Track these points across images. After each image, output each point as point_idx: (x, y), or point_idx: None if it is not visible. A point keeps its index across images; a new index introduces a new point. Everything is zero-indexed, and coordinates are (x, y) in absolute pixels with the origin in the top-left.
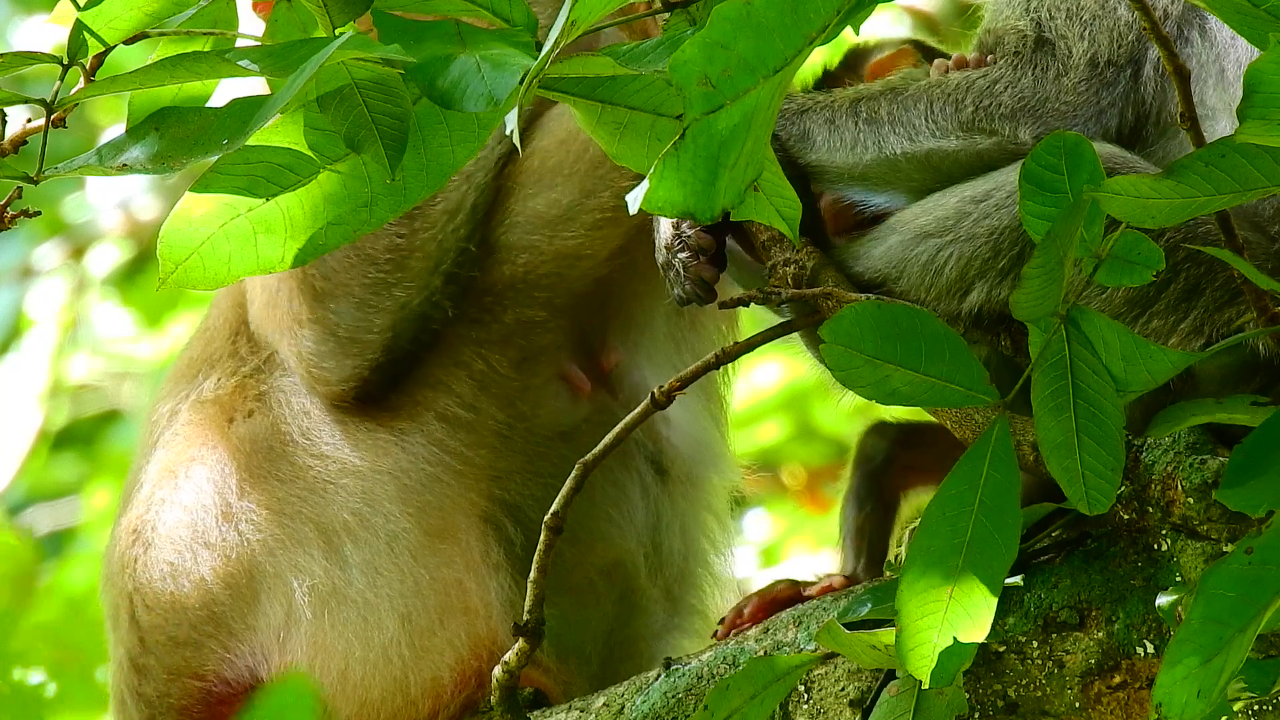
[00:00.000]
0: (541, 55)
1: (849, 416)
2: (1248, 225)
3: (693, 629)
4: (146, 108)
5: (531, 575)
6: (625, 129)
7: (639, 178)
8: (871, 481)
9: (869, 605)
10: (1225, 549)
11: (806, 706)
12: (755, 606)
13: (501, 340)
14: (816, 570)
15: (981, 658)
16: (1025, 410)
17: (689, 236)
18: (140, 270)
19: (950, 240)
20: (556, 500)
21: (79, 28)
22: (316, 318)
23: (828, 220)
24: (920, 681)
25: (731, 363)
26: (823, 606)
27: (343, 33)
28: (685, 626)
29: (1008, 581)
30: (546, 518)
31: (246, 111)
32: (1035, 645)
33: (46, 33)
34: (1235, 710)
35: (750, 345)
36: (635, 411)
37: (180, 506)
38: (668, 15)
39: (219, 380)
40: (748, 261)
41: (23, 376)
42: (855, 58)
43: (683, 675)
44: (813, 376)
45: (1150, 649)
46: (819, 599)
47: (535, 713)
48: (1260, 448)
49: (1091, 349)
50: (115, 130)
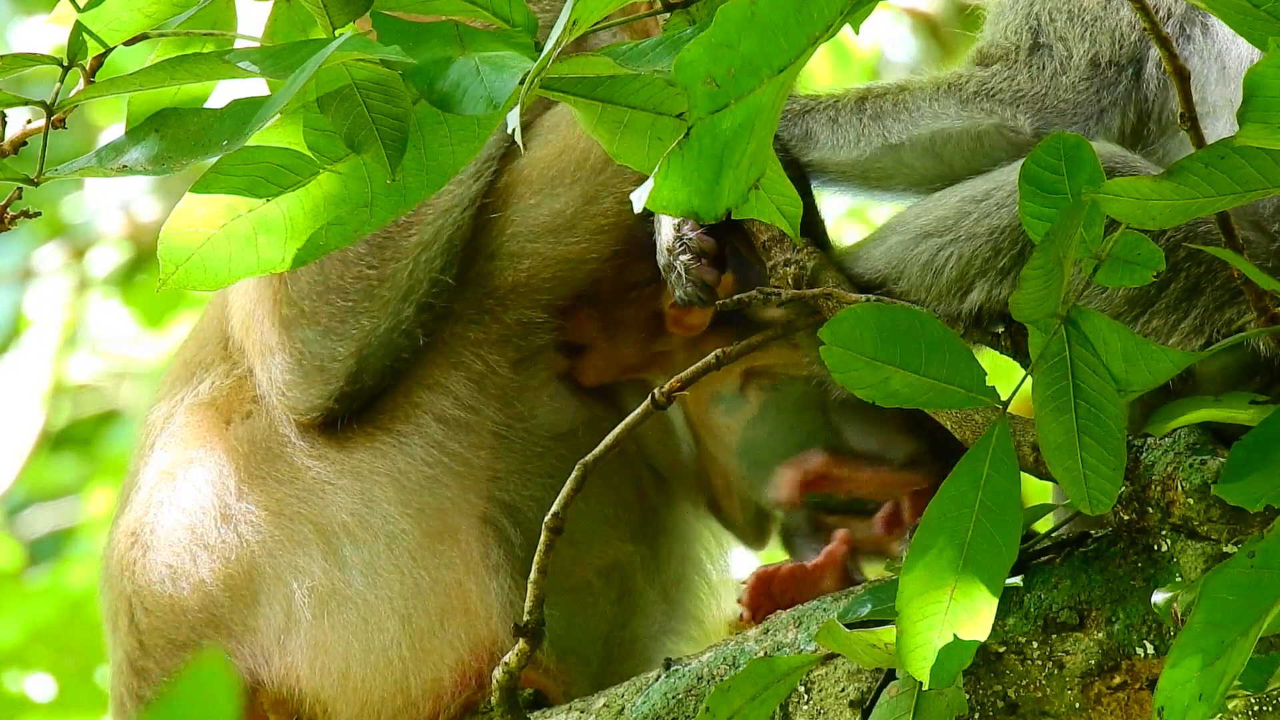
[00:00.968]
0: (542, 55)
1: None
2: (1247, 225)
3: (688, 634)
4: (146, 109)
5: (531, 576)
6: (625, 128)
7: (640, 182)
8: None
9: (869, 605)
10: (1225, 549)
11: (806, 707)
12: (752, 591)
13: (501, 341)
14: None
15: (981, 658)
16: None
17: (690, 239)
18: (140, 270)
19: (950, 240)
20: (557, 501)
21: (79, 29)
22: (284, 345)
23: None
24: (920, 682)
25: (732, 363)
26: (822, 607)
27: (342, 33)
28: (681, 631)
29: (1007, 582)
30: (546, 518)
31: (246, 112)
32: (1035, 646)
33: (46, 33)
34: (1232, 708)
35: (750, 346)
36: (635, 412)
37: (179, 508)
38: (668, 15)
39: (215, 383)
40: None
41: (23, 377)
42: None
43: (683, 676)
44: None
45: (1150, 649)
46: (819, 600)
47: (535, 713)
48: (1260, 444)
49: (1092, 349)
50: (115, 131)
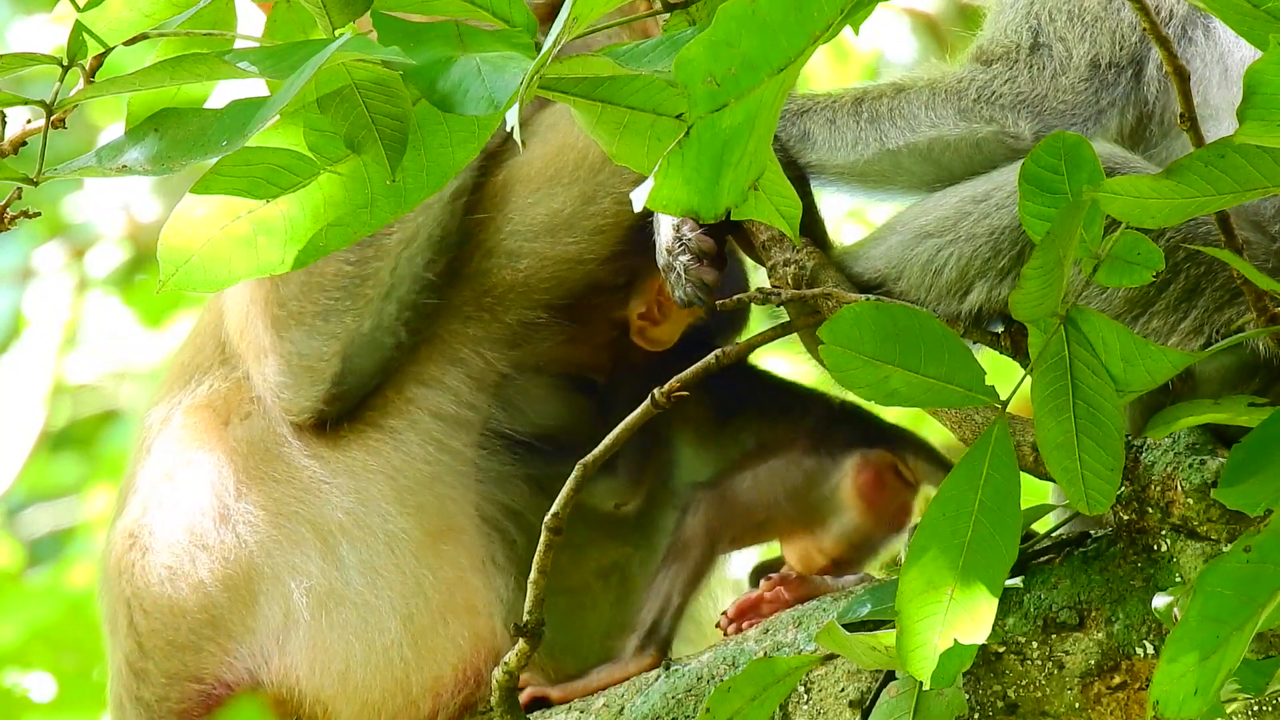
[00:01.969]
0: (541, 54)
1: None
2: (1248, 225)
3: (687, 635)
4: (146, 109)
5: (531, 576)
6: (625, 129)
7: (639, 181)
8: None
9: (869, 606)
10: (1225, 549)
11: (806, 707)
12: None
13: (500, 340)
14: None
15: (981, 658)
16: None
17: (690, 239)
18: (140, 270)
19: (950, 240)
20: (556, 501)
21: (78, 29)
22: (275, 347)
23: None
24: (920, 682)
25: (732, 363)
26: (822, 607)
27: (342, 34)
28: (681, 633)
29: (1007, 582)
30: (546, 518)
31: (246, 113)
32: (1035, 646)
33: (46, 33)
34: (1232, 711)
35: (750, 346)
36: (635, 413)
37: (177, 509)
38: (667, 15)
39: (212, 385)
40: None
41: (23, 377)
42: None
43: (682, 676)
44: (813, 377)
45: (1150, 649)
46: (819, 600)
47: (535, 713)
48: (1259, 446)
49: (1091, 349)
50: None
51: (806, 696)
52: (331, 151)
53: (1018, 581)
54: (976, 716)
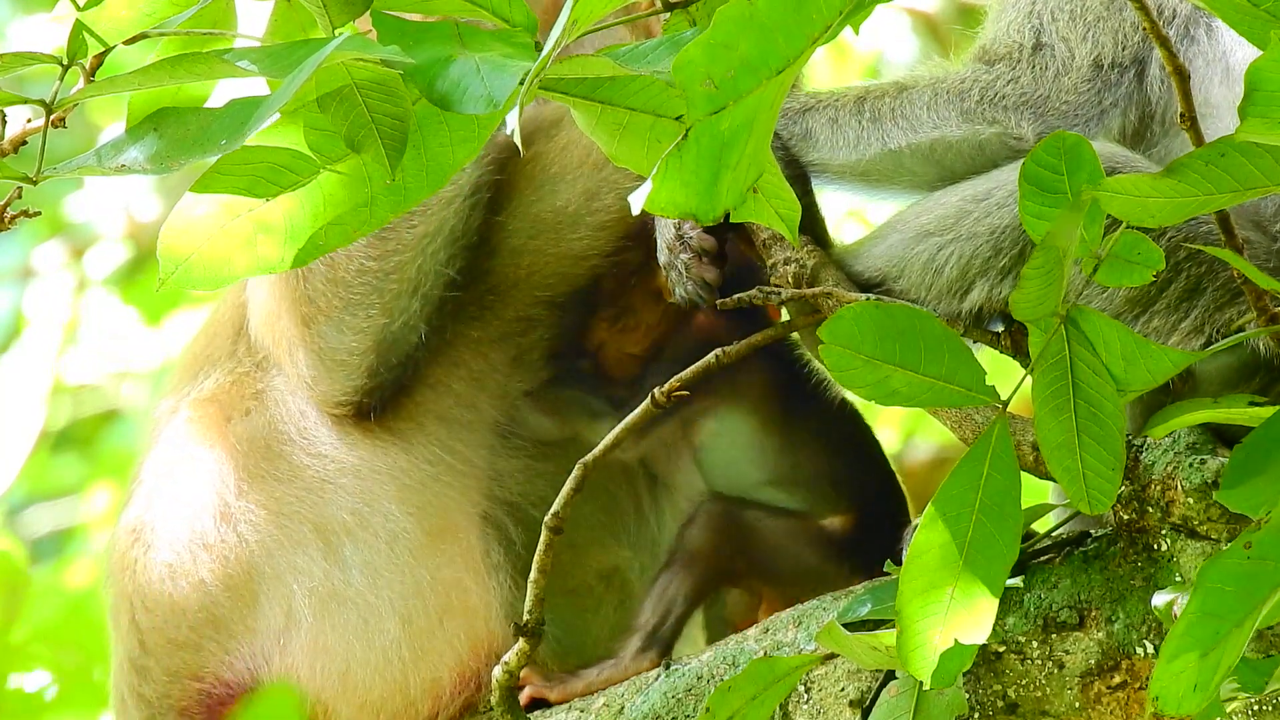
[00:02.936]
0: (542, 56)
1: None
2: (1249, 224)
3: (688, 635)
4: (146, 108)
5: (531, 575)
6: (625, 130)
7: (641, 179)
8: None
9: (869, 605)
10: (1225, 549)
11: (806, 707)
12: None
13: (501, 338)
14: None
15: (981, 658)
16: None
17: (691, 238)
18: (140, 270)
19: (951, 239)
20: (557, 500)
21: (78, 28)
22: (305, 340)
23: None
24: (920, 682)
25: (732, 363)
26: (823, 607)
27: (342, 33)
28: (682, 634)
29: (1008, 582)
30: (546, 518)
31: (245, 112)
32: (1035, 645)
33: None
34: (1232, 710)
35: (750, 345)
36: (635, 412)
37: (179, 506)
38: (668, 15)
39: (218, 379)
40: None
41: (23, 377)
42: None
43: (682, 675)
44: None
45: (1150, 649)
46: (819, 599)
47: (535, 713)
48: (1259, 448)
49: (1091, 349)
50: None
51: (806, 696)
52: (331, 150)
53: (1018, 581)
54: (976, 716)
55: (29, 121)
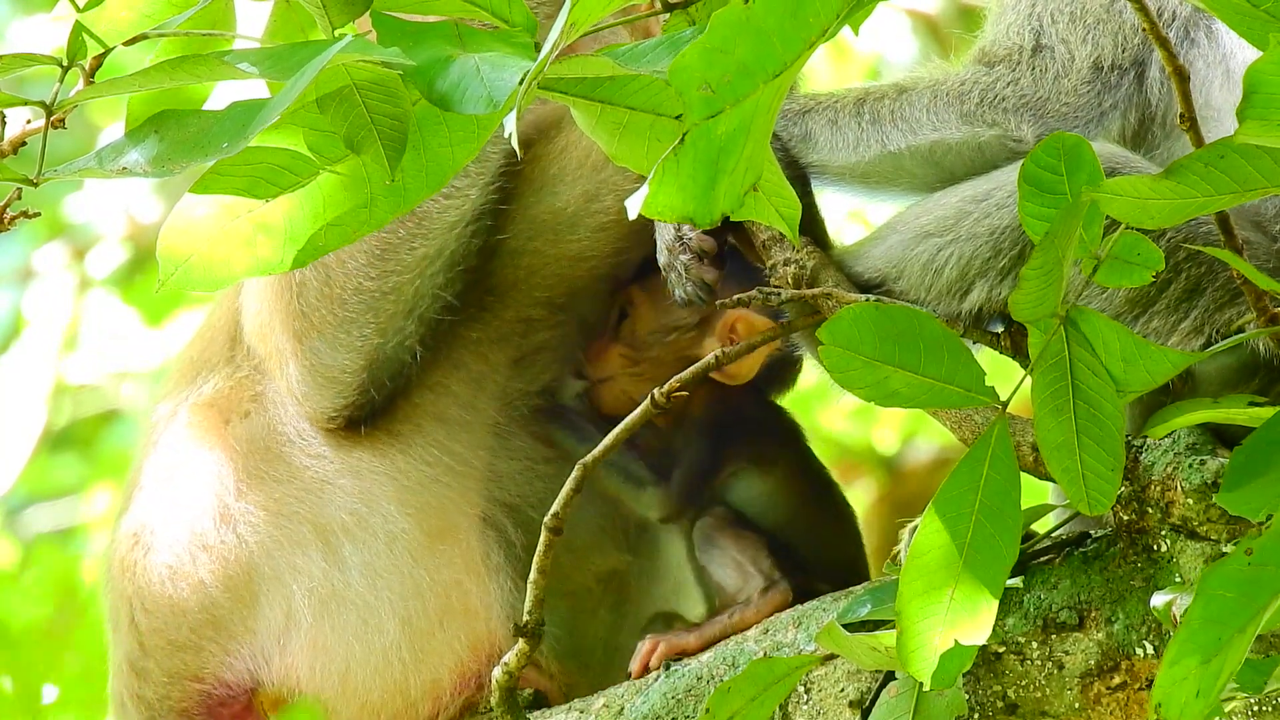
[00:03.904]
0: (541, 56)
1: (850, 417)
2: (1249, 225)
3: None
4: (146, 110)
5: (531, 576)
6: (624, 129)
7: (640, 180)
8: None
9: (869, 606)
10: (1225, 550)
11: (806, 707)
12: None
13: (500, 339)
14: None
15: (981, 658)
16: None
17: (690, 239)
18: (140, 271)
19: (951, 240)
20: (557, 501)
21: (78, 29)
22: (297, 354)
23: None
24: (920, 682)
25: (731, 363)
26: (822, 607)
27: (342, 34)
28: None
29: (1007, 582)
30: (546, 519)
31: (246, 115)
32: (1035, 646)
33: (46, 33)
34: (1231, 710)
35: (750, 346)
36: (635, 413)
37: (178, 508)
38: (667, 15)
39: (217, 384)
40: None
41: (23, 377)
42: None
43: (682, 676)
44: (813, 377)
45: (1150, 649)
46: (818, 599)
47: (535, 713)
48: (1259, 450)
49: (1091, 349)
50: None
51: (806, 696)
52: (331, 151)
53: (1018, 581)
54: (976, 716)
55: (29, 123)
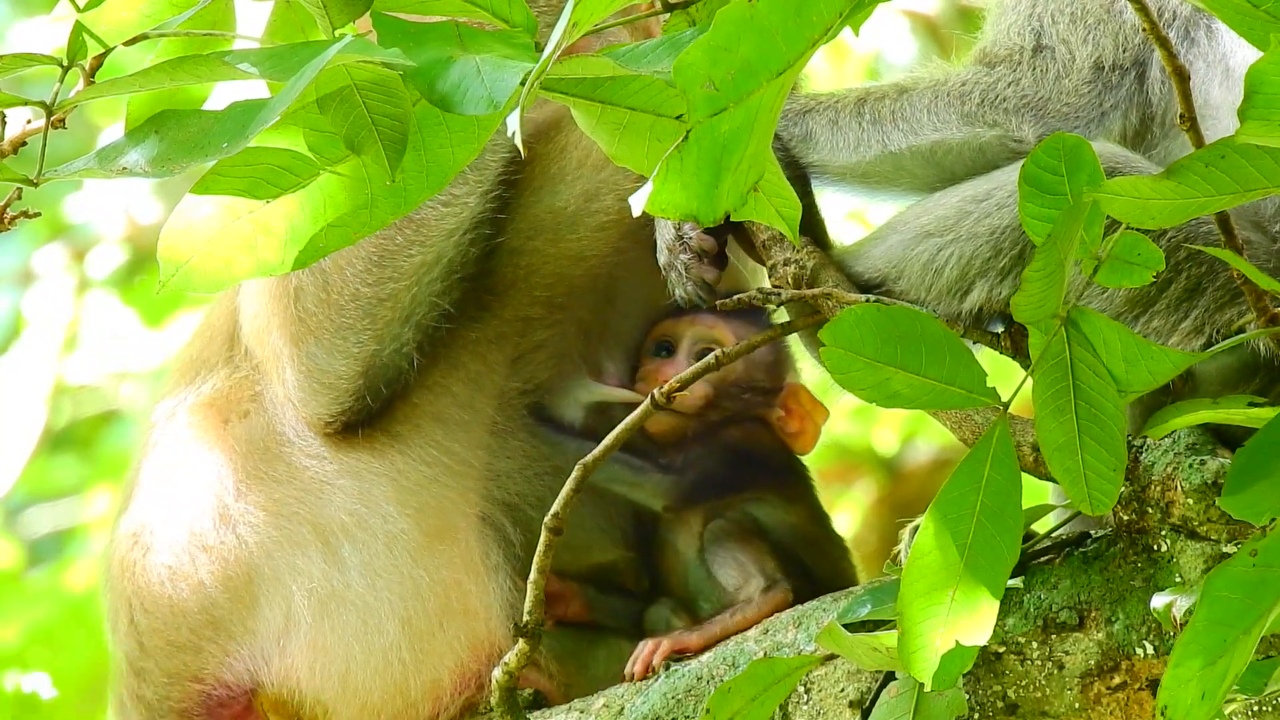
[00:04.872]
0: (543, 58)
1: (850, 418)
2: (1249, 225)
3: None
4: (146, 110)
5: (531, 576)
6: (625, 129)
7: (641, 180)
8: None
9: (869, 606)
10: (1225, 550)
11: (806, 707)
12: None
13: (498, 338)
14: None
15: (981, 658)
16: None
17: (690, 239)
18: (140, 271)
19: (951, 240)
20: (557, 501)
21: (78, 29)
22: (294, 360)
23: None
24: (920, 683)
25: (731, 364)
26: (822, 608)
27: (342, 35)
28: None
29: (1008, 583)
30: (546, 519)
31: (246, 115)
32: (1035, 646)
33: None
34: (1231, 711)
35: (750, 346)
36: (634, 414)
37: (178, 508)
38: (668, 15)
39: (216, 384)
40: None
41: (23, 377)
42: None
43: (683, 676)
44: (813, 377)
45: (1150, 650)
46: (819, 600)
47: (535, 713)
48: (1261, 452)
49: (1092, 350)
50: (115, 132)
51: (806, 697)
52: (332, 152)
53: (1018, 582)
54: (976, 716)
55: (29, 123)
